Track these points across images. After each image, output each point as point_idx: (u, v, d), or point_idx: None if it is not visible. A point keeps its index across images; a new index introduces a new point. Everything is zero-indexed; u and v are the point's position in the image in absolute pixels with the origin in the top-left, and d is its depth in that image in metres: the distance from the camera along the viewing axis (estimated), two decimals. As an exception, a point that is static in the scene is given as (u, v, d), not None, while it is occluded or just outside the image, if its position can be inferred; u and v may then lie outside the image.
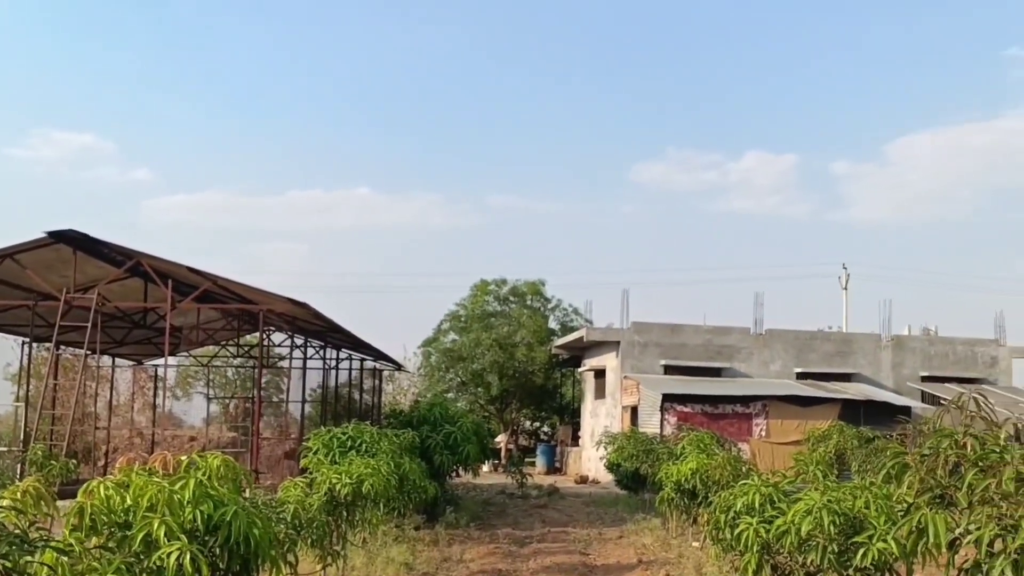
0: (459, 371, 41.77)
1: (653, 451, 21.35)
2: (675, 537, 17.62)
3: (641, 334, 34.81)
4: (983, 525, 5.18)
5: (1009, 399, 34.17)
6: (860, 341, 37.21)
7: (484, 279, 44.20)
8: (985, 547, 5.18)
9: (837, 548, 8.28)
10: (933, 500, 5.70)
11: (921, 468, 5.78)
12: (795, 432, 29.82)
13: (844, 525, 8.35)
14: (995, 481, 5.24)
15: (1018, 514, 5.05)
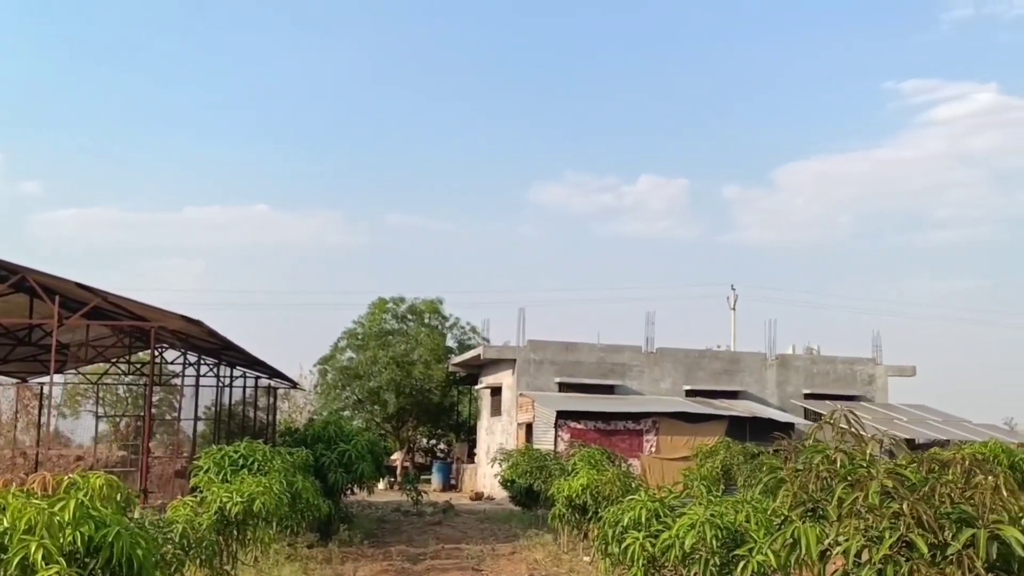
0: (356, 389, 41.47)
1: (546, 467, 21.55)
2: (567, 552, 17.78)
3: (537, 352, 35.10)
4: (851, 537, 5.43)
5: (885, 415, 35.40)
6: (747, 360, 38.12)
7: (382, 297, 44.05)
8: (852, 558, 5.44)
9: (719, 561, 8.52)
10: (806, 513, 5.95)
11: (795, 483, 6.03)
12: (684, 448, 30.37)
13: (726, 538, 8.60)
14: (862, 495, 5.50)
15: (882, 526, 5.31)
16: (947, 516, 5.42)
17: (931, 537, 5.26)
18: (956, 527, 5.35)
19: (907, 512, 5.28)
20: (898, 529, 5.29)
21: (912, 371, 40.76)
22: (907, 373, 40.66)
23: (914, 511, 5.27)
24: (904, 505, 5.31)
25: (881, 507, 5.42)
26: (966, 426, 35.98)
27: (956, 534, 5.29)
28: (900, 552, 5.31)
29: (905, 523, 5.28)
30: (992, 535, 5.19)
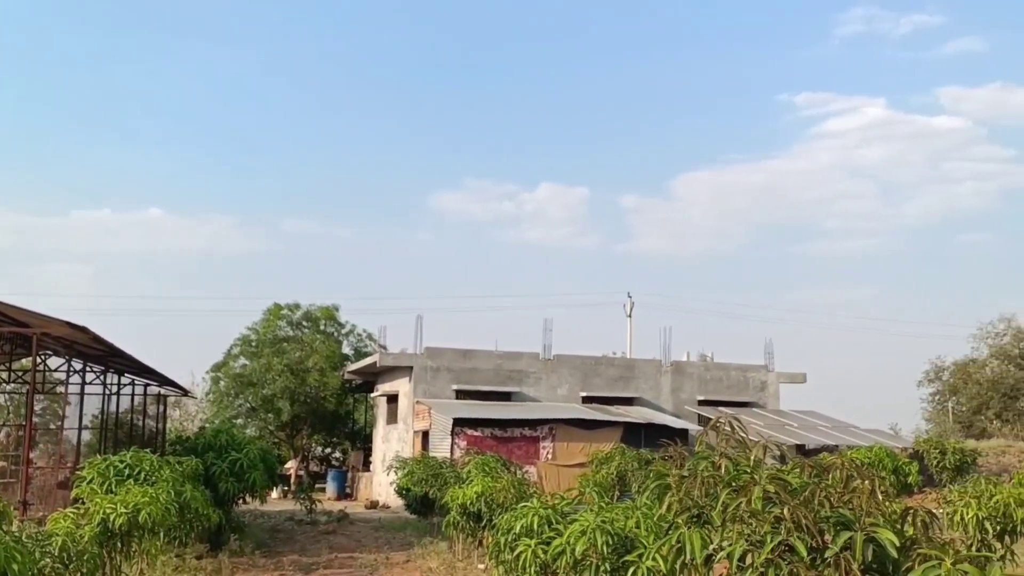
0: (249, 397, 40.79)
1: (441, 475, 21.51)
2: (461, 560, 17.78)
3: (434, 359, 35.01)
4: (734, 541, 5.55)
5: (776, 421, 36.21)
6: (642, 366, 38.59)
7: (277, 303, 43.42)
8: (736, 562, 5.56)
9: (610, 567, 8.62)
10: (691, 519, 6.05)
11: (681, 489, 6.13)
12: (580, 454, 30.61)
13: (617, 544, 8.70)
14: (745, 500, 5.62)
15: (764, 530, 5.44)
16: (826, 520, 5.58)
17: (811, 540, 5.40)
18: (835, 530, 5.50)
19: (788, 517, 5.41)
20: (779, 533, 5.42)
21: (802, 378, 41.75)
22: (798, 380, 41.63)
23: (794, 516, 5.40)
24: (785, 510, 5.44)
25: (763, 512, 5.54)
26: (854, 432, 36.98)
27: (835, 537, 5.44)
28: (782, 556, 5.44)
29: (786, 527, 5.41)
30: (868, 537, 5.35)
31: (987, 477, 14.15)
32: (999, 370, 57.86)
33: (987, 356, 59.18)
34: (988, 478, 13.68)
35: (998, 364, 58.38)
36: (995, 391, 55.72)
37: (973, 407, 56.53)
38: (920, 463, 31.84)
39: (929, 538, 5.65)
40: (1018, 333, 58.44)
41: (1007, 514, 12.18)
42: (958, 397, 57.98)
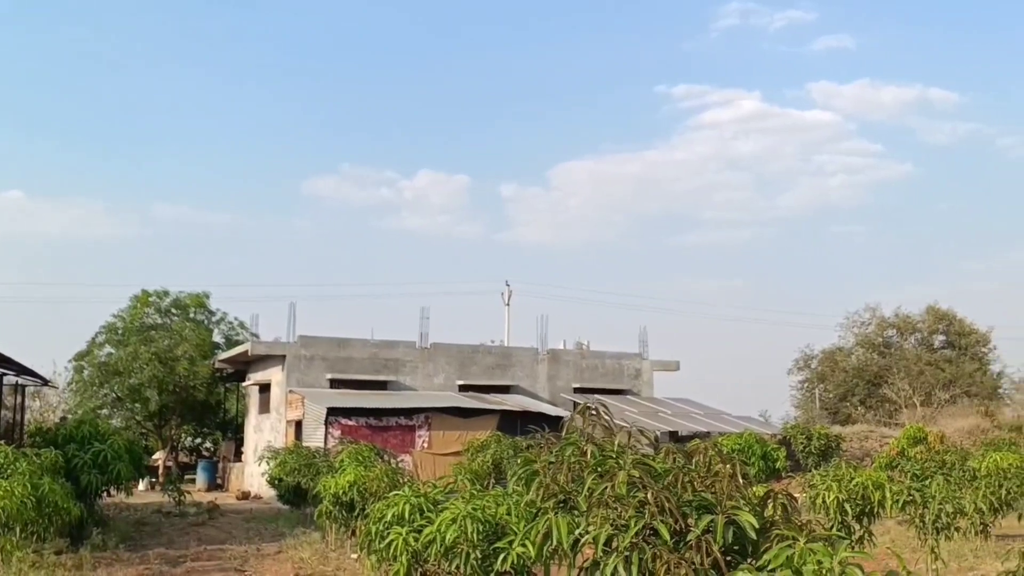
0: (115, 386, 39.60)
1: (314, 465, 21.27)
2: (334, 550, 17.60)
3: (307, 348, 34.58)
4: (599, 526, 5.59)
5: (649, 409, 36.85)
6: (519, 355, 38.81)
7: (145, 290, 42.22)
8: (601, 546, 5.61)
9: (481, 554, 8.61)
10: (558, 504, 6.08)
11: (548, 475, 6.16)
12: (456, 443, 30.63)
13: (487, 532, 8.70)
14: (610, 485, 5.67)
15: (628, 515, 5.50)
16: (689, 504, 5.67)
17: (674, 524, 5.49)
18: (697, 514, 5.60)
19: (652, 501, 5.48)
20: (643, 517, 5.49)
21: (676, 366, 42.58)
22: (671, 368, 42.44)
23: (658, 500, 5.48)
24: (649, 494, 5.51)
25: (628, 497, 5.60)
26: (725, 418, 37.89)
27: (697, 520, 5.54)
28: (646, 539, 5.51)
29: (650, 511, 5.48)
30: (729, 520, 5.46)
31: (848, 461, 14.64)
32: (864, 358, 60.06)
33: (853, 345, 61.39)
34: (849, 462, 14.14)
35: (863, 352, 60.60)
36: (860, 378, 57.80)
37: (839, 394, 58.53)
38: (788, 448, 32.81)
39: (788, 520, 5.78)
40: (882, 323, 60.75)
41: (865, 496, 12.61)
42: (825, 384, 59.96)
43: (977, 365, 57.70)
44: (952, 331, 59.86)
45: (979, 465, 20.34)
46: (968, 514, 15.97)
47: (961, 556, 16.57)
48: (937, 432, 37.19)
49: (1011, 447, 26.87)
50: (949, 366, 56.40)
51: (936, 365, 56.29)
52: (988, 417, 44.27)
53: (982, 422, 42.84)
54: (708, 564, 5.33)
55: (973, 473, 19.94)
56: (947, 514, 13.62)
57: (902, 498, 12.74)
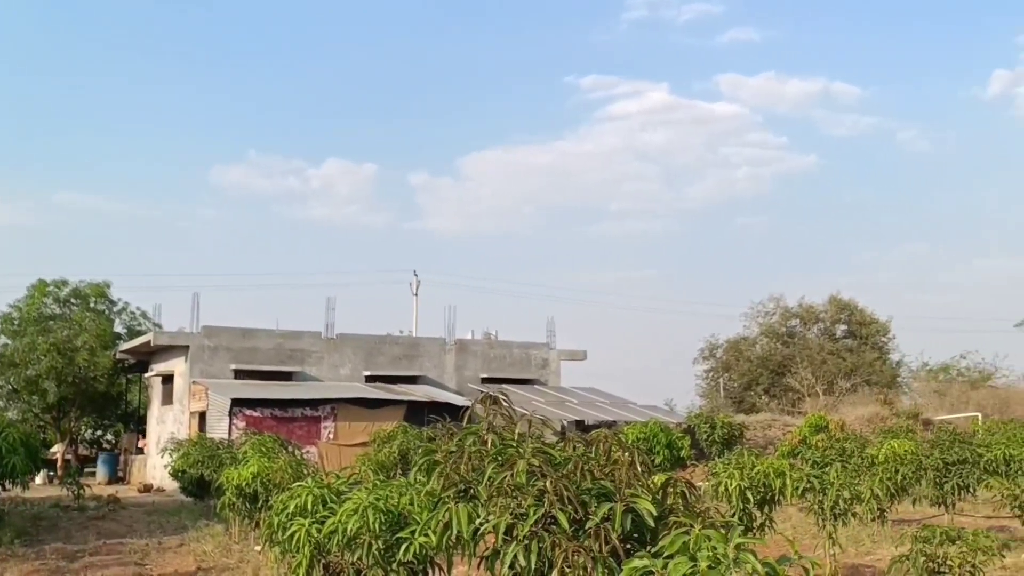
0: (11, 378, 38.60)
1: (217, 456, 20.94)
2: (237, 542, 17.35)
3: (211, 338, 34.01)
4: (499, 515, 5.56)
5: (557, 398, 37.06)
6: (426, 345, 38.70)
7: (43, 279, 41.09)
8: (501, 535, 5.57)
9: (383, 545, 8.52)
10: (459, 494, 6.04)
11: (448, 464, 6.11)
12: (362, 434, 30.43)
13: (390, 522, 8.62)
14: (510, 474, 5.64)
15: (527, 504, 5.48)
16: (588, 492, 5.66)
17: (573, 512, 5.47)
18: (596, 502, 5.60)
19: (551, 490, 5.46)
20: (543, 506, 5.47)
21: (583, 355, 42.87)
22: (578, 357, 42.72)
23: (557, 488, 5.46)
24: (548, 483, 5.49)
25: (528, 485, 5.58)
26: (631, 407, 38.27)
27: (596, 508, 5.53)
28: (545, 528, 5.49)
29: (549, 500, 5.46)
30: (628, 508, 5.46)
31: (751, 449, 14.86)
32: (768, 347, 61.15)
33: (757, 334, 62.45)
34: (752, 450, 14.34)
35: (767, 342, 61.69)
36: (764, 368, 58.84)
37: (744, 383, 59.51)
38: (692, 437, 33.24)
39: (687, 507, 5.82)
40: (786, 313, 61.91)
41: (766, 484, 12.77)
42: (730, 374, 60.92)
43: (877, 354, 59.16)
44: (854, 321, 61.23)
45: (877, 452, 20.83)
46: (865, 500, 16.33)
47: (859, 541, 16.99)
48: (838, 420, 38.05)
49: (908, 434, 27.63)
50: (851, 355, 57.73)
51: (838, 354, 57.57)
52: (887, 405, 45.44)
53: (881, 410, 43.96)
54: (607, 551, 5.33)
55: (871, 460, 20.43)
56: (844, 500, 13.90)
57: (801, 485, 12.94)
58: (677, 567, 4.40)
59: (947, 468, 18.33)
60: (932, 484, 18.49)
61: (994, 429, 31.92)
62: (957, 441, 20.04)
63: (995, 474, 18.42)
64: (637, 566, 4.63)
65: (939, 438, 22.38)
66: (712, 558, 4.41)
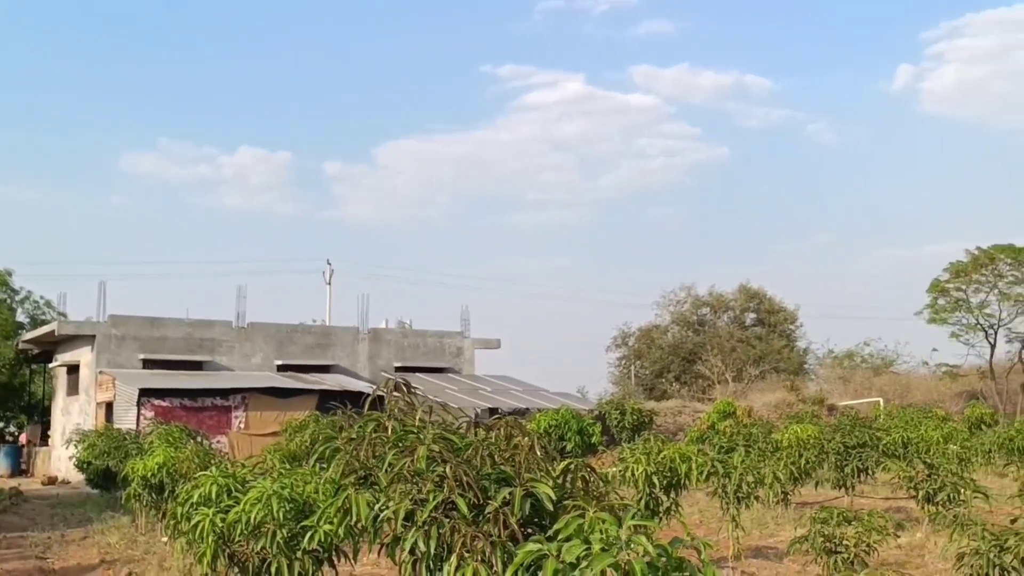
0: (-97, 370, 37.46)
1: (123, 447, 20.58)
2: (144, 533, 17.10)
3: (118, 328, 33.35)
4: (398, 501, 5.59)
5: (470, 386, 37.13)
6: (339, 334, 38.46)
7: (-59, 269, 39.96)
8: (401, 521, 5.60)
9: (288, 533, 8.49)
10: (359, 480, 6.05)
11: (349, 451, 6.12)
12: (274, 423, 30.13)
13: (295, 510, 8.59)
14: (410, 460, 5.67)
15: (427, 489, 5.51)
16: (488, 477, 5.72)
17: (473, 497, 5.52)
18: (497, 487, 5.65)
19: (450, 475, 5.50)
20: (442, 492, 5.51)
21: (497, 344, 42.99)
22: (492, 346, 42.83)
23: (457, 474, 5.50)
24: (448, 468, 5.53)
25: (427, 471, 5.61)
26: (544, 395, 38.49)
27: (496, 493, 5.59)
28: (445, 513, 5.53)
29: (449, 485, 5.50)
30: (527, 492, 5.53)
31: (661, 435, 15.08)
32: (679, 335, 61.98)
33: (669, 322, 63.25)
34: (660, 436, 14.56)
35: (678, 330, 62.53)
36: (675, 355, 59.62)
37: (655, 371, 60.24)
38: (603, 424, 33.55)
39: (587, 491, 5.91)
40: (696, 301, 62.79)
41: (673, 469, 12.98)
42: (642, 361, 61.60)
43: (785, 342, 60.40)
44: (762, 309, 62.39)
45: (782, 437, 21.31)
46: (768, 484, 16.69)
47: (764, 524, 17.36)
48: (746, 406, 38.80)
49: (812, 419, 28.31)
50: (759, 343, 58.83)
51: (747, 342, 58.62)
52: (793, 391, 46.47)
53: (788, 396, 44.94)
54: (506, 536, 5.39)
55: (776, 444, 20.89)
56: (748, 484, 14.19)
57: (706, 470, 13.19)
58: (570, 550, 4.47)
59: (848, 452, 18.82)
60: (834, 467, 18.98)
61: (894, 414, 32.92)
62: (858, 425, 20.61)
63: (893, 457, 18.99)
64: (531, 549, 4.69)
65: (841, 423, 23.01)
66: (605, 541, 4.49)
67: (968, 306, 48.44)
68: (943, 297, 48.83)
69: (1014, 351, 49.35)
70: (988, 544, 8.86)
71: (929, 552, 14.16)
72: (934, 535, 14.17)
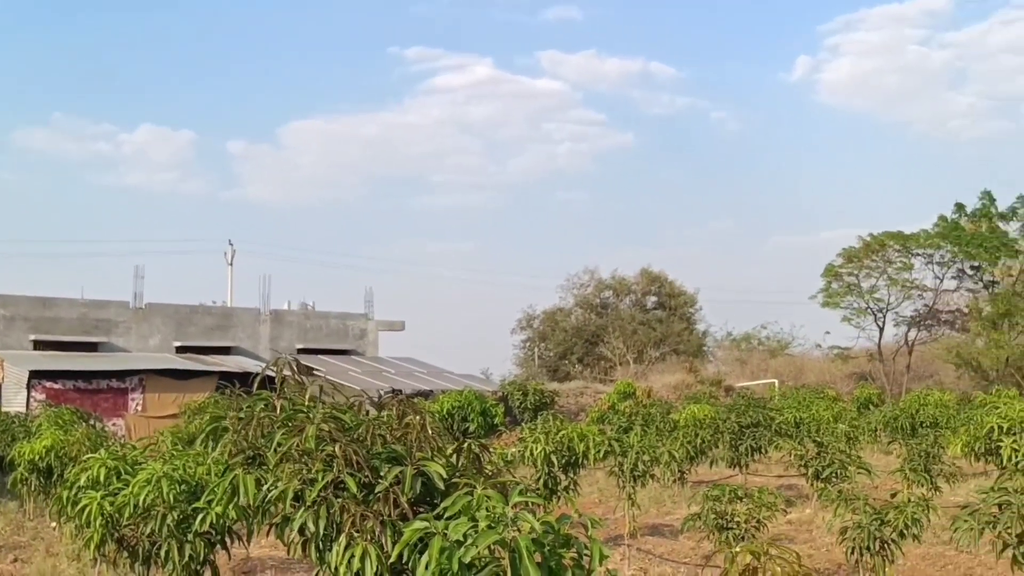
0: None
1: (10, 430, 20.00)
2: (32, 519, 16.65)
3: (7, 307, 32.37)
4: (287, 481, 5.53)
5: (374, 368, 36.95)
6: (240, 315, 37.92)
7: None
8: (290, 501, 5.55)
9: (178, 516, 8.35)
10: (247, 461, 5.97)
11: (237, 431, 6.04)
12: (172, 406, 29.59)
13: (186, 493, 8.45)
14: (299, 439, 5.61)
15: (316, 468, 5.47)
16: (379, 456, 5.70)
17: (363, 476, 5.50)
18: (388, 466, 5.63)
19: (340, 454, 5.47)
20: (332, 471, 5.47)
21: (401, 326, 42.86)
22: (397, 328, 42.69)
23: (347, 453, 5.47)
24: (338, 448, 5.49)
25: (316, 450, 5.57)
26: (448, 377, 38.50)
27: (387, 472, 5.57)
28: (335, 493, 5.49)
29: (338, 465, 5.46)
30: (418, 471, 5.52)
31: (562, 415, 15.20)
32: (582, 318, 62.57)
33: (573, 305, 63.79)
34: (560, 416, 14.69)
35: (582, 313, 63.11)
36: (579, 337, 60.18)
37: (559, 352, 60.75)
38: (506, 405, 33.73)
39: (479, 470, 5.93)
40: (600, 284, 63.43)
41: (571, 448, 13.10)
42: (546, 343, 62.05)
43: (685, 325, 61.41)
44: (663, 293, 63.31)
45: (679, 417, 21.67)
46: (664, 462, 16.98)
47: (660, 502, 17.65)
48: (646, 387, 39.36)
49: (710, 400, 28.86)
50: (660, 325, 59.70)
51: (648, 324, 59.43)
52: (692, 373, 47.28)
53: (687, 377, 45.72)
54: (396, 515, 5.38)
55: (673, 424, 21.25)
56: (644, 463, 14.41)
57: (603, 448, 13.34)
58: (456, 528, 4.48)
59: (742, 431, 19.23)
60: (728, 446, 19.38)
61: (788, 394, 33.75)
62: (752, 406, 21.04)
63: (786, 436, 19.47)
64: (418, 527, 4.69)
65: (736, 403, 23.47)
66: (492, 518, 4.51)
67: (859, 291, 49.72)
68: (836, 282, 50.02)
69: (901, 334, 50.89)
70: (869, 518, 9.16)
71: (816, 527, 14.58)
72: (822, 510, 14.56)
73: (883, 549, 9.11)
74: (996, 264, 48.07)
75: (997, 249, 47.06)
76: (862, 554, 9.16)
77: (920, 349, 50.68)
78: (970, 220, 48.75)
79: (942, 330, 51.23)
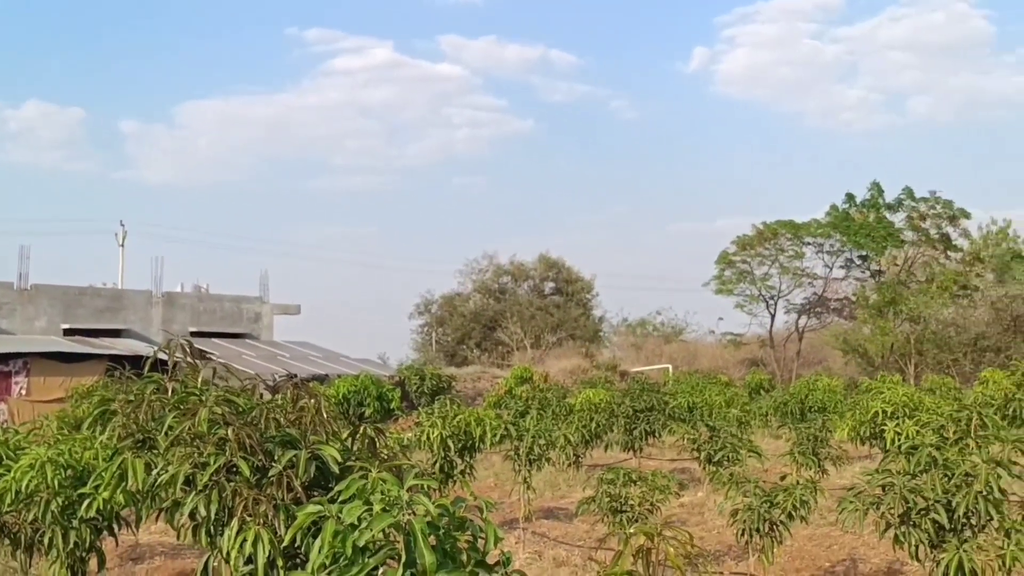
0: None
1: None
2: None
3: None
4: (178, 465, 5.44)
5: (269, 352, 36.49)
6: (132, 297, 37.03)
7: None
8: (180, 485, 5.46)
9: (63, 501, 8.14)
10: (136, 444, 5.86)
11: (126, 414, 5.91)
12: (59, 389, 28.79)
13: (72, 478, 8.24)
14: (191, 423, 5.52)
15: (208, 452, 5.39)
16: (273, 440, 5.64)
17: (256, 460, 5.43)
18: (282, 449, 5.58)
19: (233, 438, 5.40)
20: (224, 455, 5.39)
21: (297, 309, 42.37)
22: (292, 311, 42.18)
23: (240, 436, 5.40)
24: (231, 431, 5.42)
25: (209, 433, 5.48)
26: (344, 361, 38.22)
27: (281, 456, 5.52)
28: (228, 477, 5.42)
29: (231, 448, 5.39)
30: (312, 455, 5.48)
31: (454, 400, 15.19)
32: (481, 303, 62.69)
33: (471, 290, 63.86)
34: (457, 401, 14.70)
35: (480, 298, 63.22)
36: (477, 322, 60.28)
37: (457, 337, 60.77)
38: (403, 389, 33.62)
39: (374, 454, 5.91)
40: (498, 270, 63.60)
41: (467, 432, 13.14)
42: (444, 328, 61.98)
43: (582, 310, 61.97)
44: (561, 279, 63.77)
45: (575, 401, 21.87)
46: (560, 446, 17.13)
47: (555, 486, 17.80)
48: (543, 372, 39.62)
49: (605, 385, 29.18)
50: (557, 311, 60.12)
51: (546, 310, 59.80)
52: (588, 358, 47.81)
53: (583, 362, 46.19)
54: (290, 499, 5.34)
55: (569, 408, 21.43)
56: (539, 447, 14.52)
57: (499, 432, 13.40)
58: (350, 511, 4.45)
59: (636, 415, 19.49)
60: (623, 430, 19.63)
61: (682, 380, 34.34)
62: (647, 391, 21.34)
63: (679, 420, 19.80)
64: (311, 511, 4.65)
65: (631, 388, 23.78)
66: (386, 501, 4.50)
67: (752, 278, 50.75)
68: (729, 269, 50.95)
69: (791, 321, 52.15)
70: (759, 500, 9.38)
71: (708, 509, 14.88)
72: (714, 493, 14.85)
73: (772, 530, 9.34)
74: (883, 254, 49.52)
75: (884, 239, 48.49)
76: (752, 535, 9.38)
77: (810, 336, 52.01)
78: (859, 210, 50.06)
79: (831, 317, 52.60)
